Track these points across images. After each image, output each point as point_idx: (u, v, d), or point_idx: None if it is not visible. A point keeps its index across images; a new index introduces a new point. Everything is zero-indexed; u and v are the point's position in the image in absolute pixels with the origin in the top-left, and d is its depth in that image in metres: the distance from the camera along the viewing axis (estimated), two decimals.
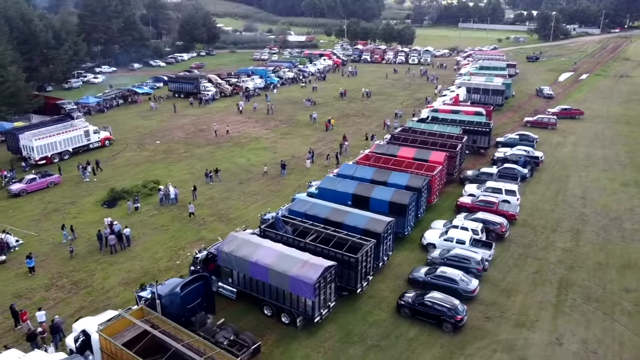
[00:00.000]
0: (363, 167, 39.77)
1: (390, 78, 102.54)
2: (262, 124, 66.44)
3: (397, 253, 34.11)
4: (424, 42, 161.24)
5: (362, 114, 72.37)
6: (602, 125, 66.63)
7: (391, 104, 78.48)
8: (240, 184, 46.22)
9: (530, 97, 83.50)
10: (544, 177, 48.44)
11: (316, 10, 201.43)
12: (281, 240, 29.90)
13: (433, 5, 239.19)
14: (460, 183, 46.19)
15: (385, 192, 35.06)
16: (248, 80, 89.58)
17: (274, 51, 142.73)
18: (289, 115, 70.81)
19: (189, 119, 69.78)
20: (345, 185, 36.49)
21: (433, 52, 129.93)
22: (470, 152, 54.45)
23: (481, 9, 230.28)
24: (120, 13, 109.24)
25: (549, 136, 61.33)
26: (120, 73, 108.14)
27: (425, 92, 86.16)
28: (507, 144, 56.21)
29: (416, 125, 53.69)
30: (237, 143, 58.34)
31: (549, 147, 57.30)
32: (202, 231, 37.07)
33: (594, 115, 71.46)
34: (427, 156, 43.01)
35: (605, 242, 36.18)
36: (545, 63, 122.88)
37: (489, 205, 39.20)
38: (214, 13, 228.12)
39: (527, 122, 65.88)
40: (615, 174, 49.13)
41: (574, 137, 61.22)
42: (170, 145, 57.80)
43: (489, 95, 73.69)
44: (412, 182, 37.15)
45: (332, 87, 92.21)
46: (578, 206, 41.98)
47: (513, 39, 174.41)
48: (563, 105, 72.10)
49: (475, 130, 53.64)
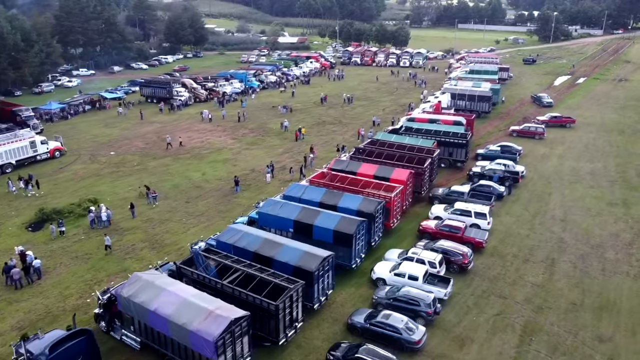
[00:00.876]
0: (312, 188, 35.61)
1: (379, 82, 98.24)
2: (230, 133, 62.37)
3: (341, 289, 29.93)
4: (420, 44, 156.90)
5: (340, 122, 68.17)
6: (594, 134, 62.11)
7: (372, 111, 74.23)
8: (186, 202, 42.13)
9: (521, 103, 79.01)
10: (523, 195, 44.07)
11: (311, 10, 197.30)
12: (197, 280, 25.83)
13: (432, 5, 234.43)
14: (430, 202, 41.96)
15: (330, 219, 30.86)
16: (226, 85, 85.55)
17: (264, 53, 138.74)
18: (261, 123, 66.72)
19: (155, 126, 65.82)
20: (288, 210, 32.32)
21: (426, 54, 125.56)
22: (447, 166, 50.22)
23: (481, 10, 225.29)
24: (100, 14, 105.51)
25: (535, 147, 56.90)
26: (98, 76, 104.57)
27: (410, 98, 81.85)
28: (488, 157, 51.90)
29: (386, 136, 49.44)
30: (196, 155, 54.30)
31: (533, 159, 52.90)
32: (127, 261, 32.99)
33: (586, 123, 66.93)
34: (389, 174, 38.78)
35: (582, 275, 31.83)
36: (542, 66, 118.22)
37: (454, 232, 34.94)
38: (209, 14, 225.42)
39: (513, 132, 61.45)
40: (602, 191, 44.69)
41: (562, 148, 56.76)
42: (125, 156, 53.82)
43: (475, 102, 69.31)
44: (365, 206, 32.96)
45: (314, 91, 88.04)
46: (557, 230, 37.62)
47: (512, 40, 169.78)
48: (553, 113, 67.59)
49: (451, 142, 49.33)
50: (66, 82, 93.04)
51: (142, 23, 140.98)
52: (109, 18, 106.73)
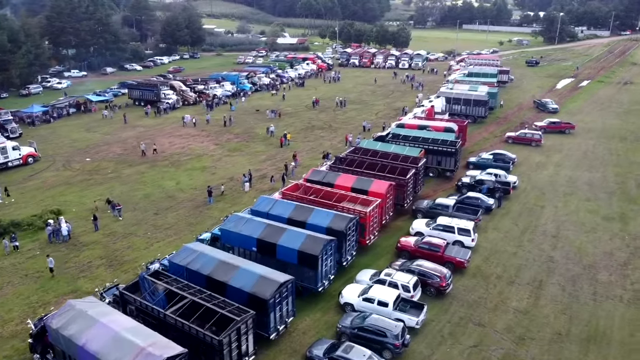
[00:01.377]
0: (282, 202, 33.17)
1: (376, 84, 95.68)
2: (214, 138, 60.10)
3: (305, 314, 27.52)
4: (422, 45, 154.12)
5: (329, 127, 65.73)
6: (594, 141, 59.29)
7: (365, 115, 71.74)
8: (155, 214, 39.84)
9: (520, 108, 76.22)
10: (514, 208, 41.43)
11: (313, 11, 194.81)
12: (140, 308, 23.52)
13: (437, 6, 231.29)
14: (413, 216, 39.45)
15: (295, 238, 28.43)
16: (217, 87, 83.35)
17: (262, 54, 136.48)
18: (248, 128, 64.39)
19: (137, 131, 63.67)
20: (251, 227, 29.90)
21: (425, 55, 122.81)
22: (435, 175, 47.67)
23: (486, 10, 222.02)
24: (93, 14, 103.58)
25: (531, 155, 54.20)
26: (90, 78, 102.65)
27: (405, 101, 79.29)
28: (479, 166, 49.31)
29: (371, 144, 46.94)
30: (175, 161, 52.06)
31: (527, 168, 50.23)
32: (80, 280, 30.74)
33: (586, 129, 64.09)
34: (368, 186, 36.31)
35: (571, 300, 29.23)
36: (546, 68, 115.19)
37: (434, 250, 32.43)
38: (211, 14, 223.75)
39: (508, 138, 58.78)
40: (599, 204, 41.97)
41: (559, 156, 54.01)
42: (101, 163, 51.66)
43: (471, 107, 66.64)
44: (335, 223, 30.49)
45: (307, 94, 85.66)
46: (547, 248, 35.00)
47: (516, 41, 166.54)
48: (552, 118, 64.75)
49: (440, 150, 46.76)
50: (55, 83, 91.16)
51: (140, 23, 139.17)
52: (102, 18, 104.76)
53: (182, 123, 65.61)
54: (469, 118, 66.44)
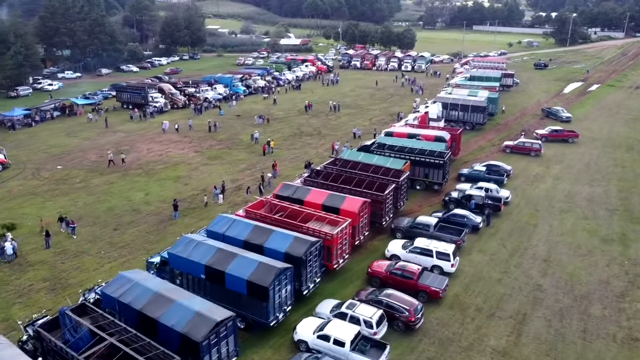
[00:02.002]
0: (240, 222, 30.18)
1: (375, 88, 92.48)
2: (196, 145, 57.39)
3: (253, 353, 24.60)
4: (429, 46, 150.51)
5: (319, 133, 62.72)
6: (598, 150, 55.62)
7: (358, 120, 68.66)
8: (115, 230, 37.13)
9: (523, 114, 72.59)
10: (504, 226, 38.12)
11: (319, 11, 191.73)
12: (54, 350, 20.75)
13: (446, 7, 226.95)
14: (392, 235, 36.33)
15: (245, 266, 25.46)
16: (209, 90, 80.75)
17: (263, 55, 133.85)
18: (233, 134, 61.60)
19: (117, 136, 61.20)
20: (201, 252, 26.97)
21: (430, 58, 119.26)
22: (423, 189, 44.47)
23: (496, 11, 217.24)
24: (87, 14, 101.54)
25: (529, 166, 50.74)
26: (85, 79, 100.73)
27: (403, 106, 76.08)
28: (471, 178, 46.05)
29: (353, 155, 43.81)
30: (149, 170, 49.40)
31: (524, 181, 46.81)
32: (15, 306, 28.08)
33: (591, 137, 60.38)
34: (340, 203, 33.26)
35: (557, 338, 25.97)
36: (554, 71, 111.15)
37: (407, 277, 29.31)
38: (217, 14, 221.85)
39: (506, 147, 55.33)
40: (598, 223, 38.50)
41: (559, 167, 50.47)
42: (71, 171, 49.15)
43: (469, 113, 63.22)
44: (294, 247, 27.48)
45: (302, 98, 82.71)
46: (535, 274, 31.71)
47: (526, 43, 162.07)
48: (554, 127, 61.08)
49: (427, 162, 43.53)
50: (47, 85, 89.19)
51: (140, 24, 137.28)
52: (98, 19, 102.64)
53: (172, 129, 62.65)
54: (466, 125, 63.29)
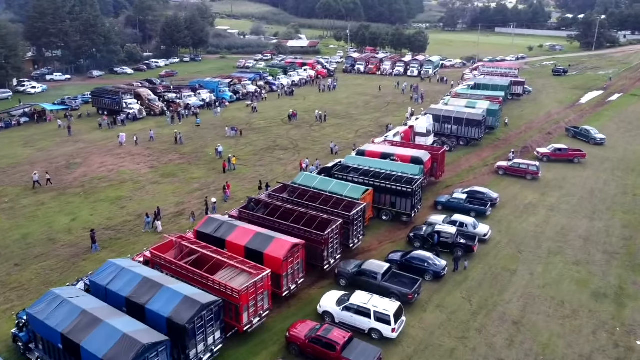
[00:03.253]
0: (127, 272, 24.41)
1: (373, 95, 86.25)
2: (154, 159, 52.22)
3: None
4: (445, 50, 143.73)
5: (295, 147, 56.94)
6: (607, 174, 48.46)
7: (343, 132, 62.70)
8: (16, 265, 32.06)
9: (529, 127, 65.49)
10: (474, 272, 31.76)
11: (332, 12, 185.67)
12: None
13: (468, 8, 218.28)
14: (336, 282, 30.38)
15: (104, 340, 19.81)
16: (191, 96, 75.78)
17: (267, 57, 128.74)
18: (200, 147, 56.28)
19: (77, 147, 56.49)
20: (62, 314, 21.39)
21: (439, 62, 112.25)
22: (390, 219, 38.33)
23: (520, 13, 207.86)
24: (79, 15, 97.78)
25: (522, 192, 44.03)
26: (75, 81, 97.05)
27: (397, 116, 69.78)
28: (450, 207, 39.77)
29: (308, 180, 37.90)
30: (90, 189, 44.34)
31: (512, 212, 40.20)
32: None
33: (602, 157, 53.19)
34: (265, 246, 27.48)
35: None
36: (574, 78, 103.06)
37: (328, 349, 23.37)
38: (231, 14, 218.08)
39: (499, 169, 48.66)
40: (591, 271, 31.83)
41: (557, 195, 43.61)
42: (6, 189, 44.37)
43: (463, 127, 56.61)
44: (180, 312, 21.76)
45: (292, 105, 76.98)
46: (500, 344, 25.40)
47: (548, 46, 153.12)
48: (558, 144, 53.94)
49: (393, 189, 37.37)
50: (30, 88, 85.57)
51: (144, 24, 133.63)
52: (90, 19, 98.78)
53: (132, 141, 57.29)
54: (460, 140, 56.79)
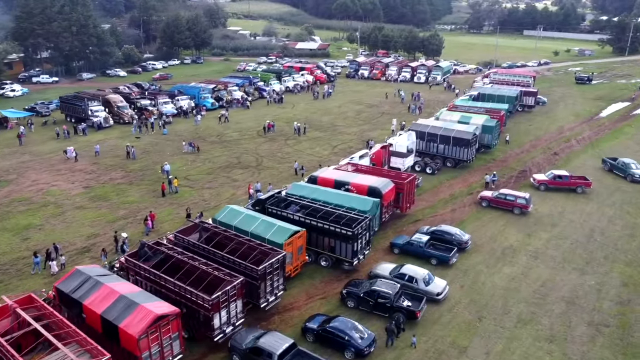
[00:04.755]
0: None
1: (370, 103, 79.21)
2: (94, 177, 46.54)
3: None
4: (466, 53, 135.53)
5: (259, 165, 50.60)
6: (615, 209, 40.48)
7: (320, 147, 56.12)
8: None
9: (533, 145, 57.53)
10: (412, 352, 24.73)
11: (349, 13, 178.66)
12: None
13: (495, 9, 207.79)
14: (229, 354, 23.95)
15: None
16: (168, 103, 70.36)
17: (271, 60, 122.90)
18: (152, 163, 50.38)
19: (20, 159, 51.21)
20: None
21: (450, 67, 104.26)
22: (329, 266, 31.59)
23: (551, 15, 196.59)
24: (69, 15, 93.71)
25: (503, 232, 36.59)
26: (62, 84, 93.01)
27: (387, 129, 62.66)
28: (409, 251, 32.81)
29: (232, 215, 31.39)
30: (5, 213, 38.90)
31: (484, 259, 32.89)
32: None
33: (611, 186, 45.09)
34: (123, 317, 21.20)
35: None
36: (599, 87, 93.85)
37: None
38: (248, 14, 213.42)
39: (482, 200, 41.23)
40: (567, 353, 24.43)
41: (547, 236, 36.01)
42: None
43: (450, 146, 49.24)
44: None
45: (277, 114, 70.88)
46: None
47: (577, 51, 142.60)
48: (558, 171, 45.96)
49: (331, 231, 30.60)
50: (9, 91, 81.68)
51: (148, 25, 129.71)
52: (80, 19, 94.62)
53: (77, 155, 51.74)
54: (447, 161, 49.50)
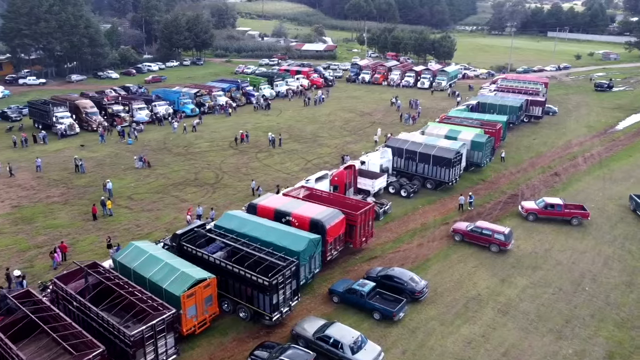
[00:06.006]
0: None
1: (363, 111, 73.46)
2: (29, 195, 41.96)
3: None
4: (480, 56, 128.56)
5: (217, 182, 45.49)
6: (616, 247, 34.08)
7: (291, 162, 50.80)
8: None
9: (532, 164, 51.16)
10: None
11: (362, 13, 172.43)
12: None
13: (518, 10, 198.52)
14: None
15: None
16: (144, 109, 65.96)
17: (273, 62, 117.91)
18: (99, 179, 45.35)
19: None
20: None
21: (457, 72, 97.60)
22: (248, 319, 26.23)
23: (577, 16, 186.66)
24: (58, 15, 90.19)
25: (473, 275, 30.68)
26: (50, 86, 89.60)
27: (371, 142, 56.97)
28: (350, 301, 27.29)
29: (131, 256, 26.21)
30: None
31: (440, 312, 27.15)
32: None
33: (614, 216, 38.58)
34: None
35: None
36: (620, 95, 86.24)
37: None
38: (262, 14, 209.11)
39: (455, 232, 35.30)
40: None
41: (524, 282, 29.94)
42: None
43: (430, 165, 43.35)
44: None
45: (257, 122, 65.89)
46: None
47: (601, 55, 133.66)
48: (552, 198, 39.50)
49: (247, 278, 25.23)
50: None
51: (150, 25, 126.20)
52: (70, 19, 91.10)
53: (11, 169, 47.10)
54: (427, 182, 43.72)
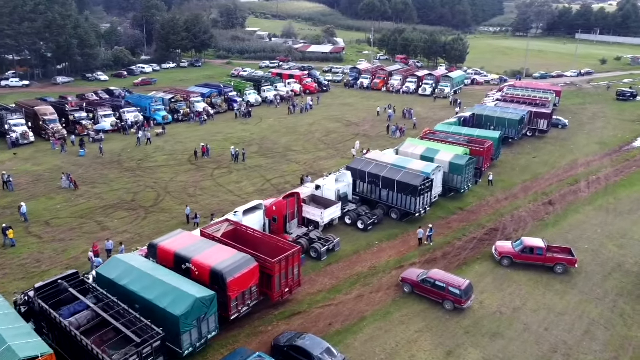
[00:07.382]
0: None
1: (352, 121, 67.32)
2: None
3: None
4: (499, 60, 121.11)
5: (154, 205, 40.12)
6: (604, 307, 27.32)
7: (249, 181, 45.14)
8: None
9: (525, 188, 44.31)
10: None
11: (376, 13, 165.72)
12: None
13: (544, 10, 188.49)
14: None
15: None
16: (109, 116, 61.26)
17: (274, 64, 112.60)
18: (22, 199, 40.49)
19: None
20: None
21: (463, 78, 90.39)
22: None
23: (607, 17, 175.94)
24: (43, 14, 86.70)
25: (412, 345, 24.42)
26: (34, 88, 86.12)
27: (346, 159, 50.90)
28: None
29: None
30: None
31: None
32: None
33: (613, 261, 31.63)
34: None
35: None
36: None
37: None
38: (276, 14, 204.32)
39: (404, 282, 28.90)
40: None
41: (474, 358, 23.57)
42: None
43: (394, 193, 37.06)
44: None
45: (230, 132, 60.53)
46: None
47: (630, 59, 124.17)
48: (532, 239, 32.56)
49: (93, 356, 19.56)
50: None
51: (151, 25, 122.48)
52: (57, 19, 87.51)
53: None
54: (392, 212, 37.44)
